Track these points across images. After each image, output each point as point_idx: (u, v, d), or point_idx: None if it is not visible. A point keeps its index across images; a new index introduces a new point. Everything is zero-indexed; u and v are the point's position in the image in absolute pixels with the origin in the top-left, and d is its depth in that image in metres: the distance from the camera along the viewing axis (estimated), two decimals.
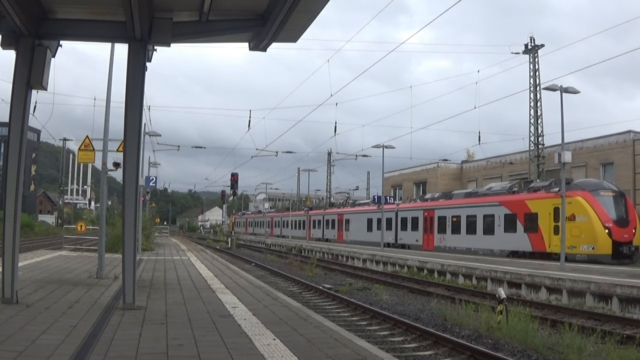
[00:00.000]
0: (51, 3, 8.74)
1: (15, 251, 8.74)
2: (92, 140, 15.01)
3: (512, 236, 28.12)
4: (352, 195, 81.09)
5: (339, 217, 51.56)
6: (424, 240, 36.38)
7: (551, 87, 21.03)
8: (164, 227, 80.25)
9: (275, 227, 72.41)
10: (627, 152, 38.16)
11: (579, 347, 8.93)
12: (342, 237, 49.74)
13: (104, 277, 13.39)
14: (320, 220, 55.99)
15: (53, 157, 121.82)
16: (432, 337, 9.86)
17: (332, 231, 52.74)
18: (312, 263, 24.04)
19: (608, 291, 14.17)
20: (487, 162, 52.18)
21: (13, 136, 8.78)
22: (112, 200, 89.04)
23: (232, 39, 9.92)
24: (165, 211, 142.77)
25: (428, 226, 36.06)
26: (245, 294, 11.66)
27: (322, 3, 7.69)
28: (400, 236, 39.86)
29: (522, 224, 27.55)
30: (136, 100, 9.01)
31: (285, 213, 68.95)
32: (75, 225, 30.68)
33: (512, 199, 28.95)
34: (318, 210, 59.91)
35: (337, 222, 51.55)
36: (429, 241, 35.70)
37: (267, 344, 6.60)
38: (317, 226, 56.81)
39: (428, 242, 35.87)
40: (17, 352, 5.68)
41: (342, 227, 50.16)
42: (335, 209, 55.95)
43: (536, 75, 38.58)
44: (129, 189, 8.89)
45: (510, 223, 28.37)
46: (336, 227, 51.56)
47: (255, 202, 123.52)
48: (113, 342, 6.44)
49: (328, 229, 53.75)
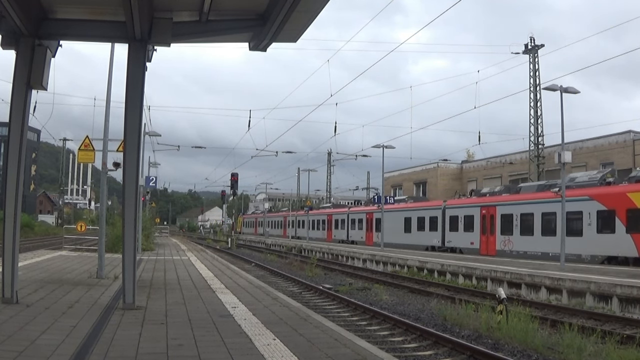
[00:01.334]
0: (51, 3, 8.74)
1: (15, 251, 8.74)
2: (92, 140, 15.01)
3: (608, 238, 23.43)
4: (352, 195, 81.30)
5: (368, 217, 45.80)
6: (482, 243, 31.13)
7: (551, 87, 21.03)
8: (164, 227, 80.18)
9: (290, 227, 65.87)
10: (627, 152, 38.20)
11: (579, 347, 8.92)
12: (371, 239, 43.97)
13: (104, 277, 13.38)
14: (345, 220, 50.26)
15: (53, 157, 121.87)
16: (432, 337, 9.86)
17: (359, 232, 47.25)
18: (312, 263, 24.04)
19: (608, 291, 14.16)
20: (487, 162, 52.23)
21: (13, 136, 8.78)
22: (112, 200, 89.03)
23: (232, 39, 9.92)
24: (165, 211, 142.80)
25: (487, 226, 30.84)
26: (245, 294, 11.66)
27: (322, 3, 7.69)
28: (448, 238, 34.66)
29: (624, 223, 22.81)
30: (136, 100, 9.01)
31: (302, 212, 62.64)
32: (75, 225, 30.67)
33: (608, 192, 24.20)
34: (341, 209, 54.79)
35: (366, 222, 46.00)
36: (489, 244, 30.62)
37: (267, 344, 6.60)
38: (340, 226, 51.39)
39: (487, 245, 30.72)
40: (17, 352, 5.68)
41: (372, 227, 44.48)
42: (364, 207, 50.26)
43: (536, 75, 38.63)
44: (129, 189, 8.89)
45: (605, 221, 23.74)
46: (364, 227, 46.28)
47: (255, 202, 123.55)
48: (113, 342, 6.44)
49: (354, 230, 48.38)
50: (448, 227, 34.65)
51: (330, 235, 53.00)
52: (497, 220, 30.09)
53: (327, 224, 54.77)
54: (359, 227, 47.34)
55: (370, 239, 44.52)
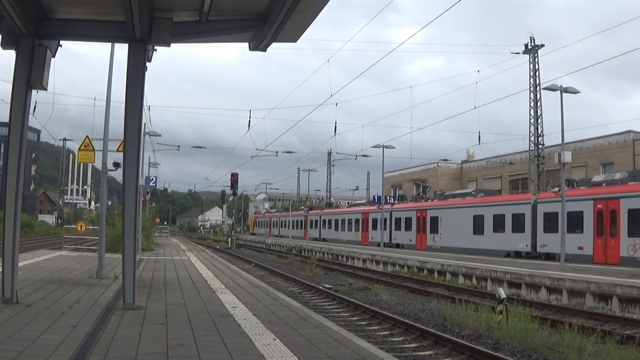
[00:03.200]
0: (51, 3, 8.74)
1: (15, 251, 8.74)
2: (92, 140, 15.02)
3: None
4: (352, 195, 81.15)
5: (419, 215, 37.63)
6: (593, 248, 23.50)
7: (551, 87, 21.04)
8: (164, 227, 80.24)
9: (313, 227, 56.69)
10: (627, 152, 38.20)
11: (579, 347, 8.93)
12: (425, 242, 36.44)
13: (104, 277, 13.39)
14: (387, 219, 40.01)
15: (53, 157, 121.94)
16: (432, 337, 9.86)
17: (406, 234, 39.11)
18: (312, 263, 24.04)
19: (608, 291, 14.17)
20: (487, 162, 52.24)
21: (13, 136, 8.79)
22: (112, 200, 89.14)
23: (232, 39, 9.92)
24: (165, 211, 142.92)
25: (608, 226, 23.18)
26: (245, 294, 11.66)
27: (322, 3, 7.69)
28: (542, 241, 26.41)
29: None
30: (136, 100, 9.01)
31: (327, 210, 53.56)
32: (75, 225, 30.65)
33: None
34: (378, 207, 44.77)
35: (418, 222, 37.75)
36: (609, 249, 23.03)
37: (267, 344, 6.60)
38: (376, 227, 41.57)
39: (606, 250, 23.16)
40: (17, 352, 5.68)
41: (426, 227, 36.53)
42: (412, 204, 41.64)
43: (536, 75, 38.60)
44: (129, 189, 8.89)
45: None
46: (414, 228, 38.14)
47: (255, 202, 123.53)
48: (113, 342, 6.44)
49: (399, 231, 40.12)
50: (542, 227, 26.62)
51: (367, 238, 43.51)
52: None
53: (363, 224, 44.73)
54: (407, 227, 39.25)
55: (423, 241, 36.74)
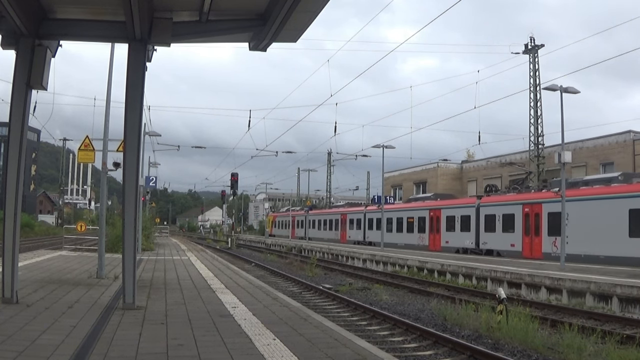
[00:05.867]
0: (51, 3, 8.74)
1: (15, 251, 8.74)
2: (92, 140, 15.02)
3: None
4: (352, 195, 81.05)
5: (526, 210, 27.31)
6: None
7: (551, 87, 21.02)
8: (164, 227, 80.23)
9: (354, 227, 47.59)
10: (627, 152, 38.17)
11: (579, 347, 8.93)
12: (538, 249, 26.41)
13: (104, 277, 13.39)
14: (471, 217, 31.21)
15: (53, 157, 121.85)
16: (432, 337, 9.86)
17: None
18: (312, 263, 24.04)
19: (608, 291, 14.16)
20: (487, 162, 52.22)
21: (13, 136, 8.79)
22: (112, 200, 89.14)
23: (232, 39, 9.92)
24: (165, 211, 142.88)
25: None
26: (245, 294, 11.66)
27: (322, 3, 7.69)
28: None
29: None
30: (136, 100, 9.01)
31: (371, 207, 44.45)
32: (75, 225, 30.67)
33: None
34: (450, 200, 36.20)
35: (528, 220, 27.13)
36: None
37: (267, 344, 6.60)
38: (455, 227, 32.71)
39: None
40: (17, 352, 5.68)
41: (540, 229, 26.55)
42: (499, 196, 31.21)
43: (536, 75, 38.60)
44: (129, 189, 8.89)
45: None
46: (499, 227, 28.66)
47: (255, 202, 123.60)
48: (113, 342, 6.44)
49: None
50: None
51: (439, 242, 34.30)
52: None
53: (432, 223, 35.11)
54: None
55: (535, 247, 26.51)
